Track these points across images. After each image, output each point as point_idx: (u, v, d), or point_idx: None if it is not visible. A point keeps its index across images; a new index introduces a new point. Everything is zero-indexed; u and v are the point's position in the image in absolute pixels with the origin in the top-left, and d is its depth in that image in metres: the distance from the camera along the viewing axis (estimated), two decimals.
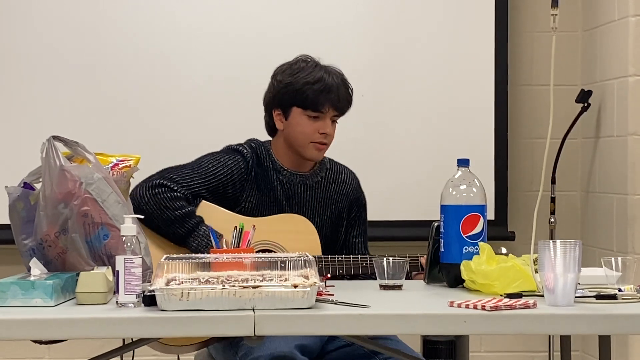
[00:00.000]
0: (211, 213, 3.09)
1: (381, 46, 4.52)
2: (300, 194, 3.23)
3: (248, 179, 3.17)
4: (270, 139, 3.29)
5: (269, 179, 3.20)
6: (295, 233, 3.14)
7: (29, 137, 4.10)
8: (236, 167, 3.17)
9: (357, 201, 3.33)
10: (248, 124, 3.47)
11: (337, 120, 3.22)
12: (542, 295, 2.40)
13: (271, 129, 3.26)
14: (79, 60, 4.43)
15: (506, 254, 2.74)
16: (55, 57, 4.43)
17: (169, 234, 3.07)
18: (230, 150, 3.22)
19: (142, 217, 2.63)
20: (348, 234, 3.31)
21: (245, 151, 3.20)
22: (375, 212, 3.43)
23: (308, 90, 3.13)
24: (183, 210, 3.06)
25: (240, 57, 4.46)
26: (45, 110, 4.42)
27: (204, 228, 3.04)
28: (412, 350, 3.00)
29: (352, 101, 3.21)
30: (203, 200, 3.13)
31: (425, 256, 2.97)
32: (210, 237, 2.99)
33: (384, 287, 2.70)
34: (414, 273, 3.07)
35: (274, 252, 3.07)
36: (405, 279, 2.75)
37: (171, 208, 3.06)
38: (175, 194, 3.07)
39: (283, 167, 3.22)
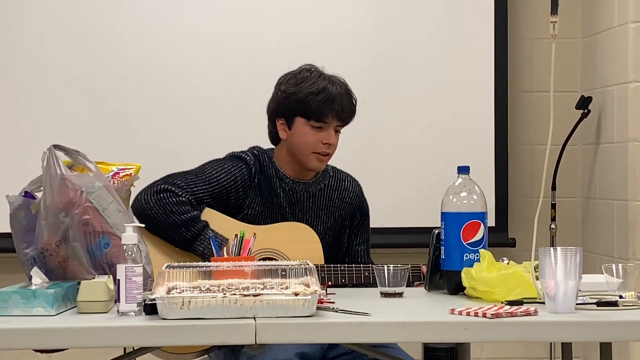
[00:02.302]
0: (214, 220, 3.10)
1: (381, 54, 4.53)
2: (303, 202, 3.23)
3: (251, 186, 3.18)
4: (273, 147, 3.29)
5: (272, 186, 3.20)
6: (298, 241, 3.14)
7: (30, 146, 4.10)
8: (239, 174, 3.17)
9: (360, 209, 3.33)
10: (250, 133, 3.47)
11: (341, 131, 3.22)
12: (543, 302, 2.40)
13: (274, 137, 3.27)
14: (80, 69, 4.44)
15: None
16: (56, 65, 4.43)
17: (175, 239, 3.07)
18: (234, 157, 3.23)
19: (142, 225, 2.63)
20: (351, 241, 3.31)
21: (248, 158, 3.20)
22: (375, 219, 3.43)
23: (311, 101, 3.13)
24: (189, 215, 3.06)
25: (242, 65, 4.47)
26: (46, 119, 4.42)
27: (210, 232, 3.05)
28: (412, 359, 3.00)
29: (355, 111, 3.21)
30: (206, 207, 3.13)
31: (426, 265, 2.98)
32: (216, 239, 3.00)
33: (385, 295, 2.70)
34: (416, 283, 3.06)
35: (276, 260, 3.07)
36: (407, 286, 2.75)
37: (177, 212, 3.06)
38: (180, 198, 3.08)
39: (286, 175, 3.22)
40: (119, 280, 2.32)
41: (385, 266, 2.70)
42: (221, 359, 3.04)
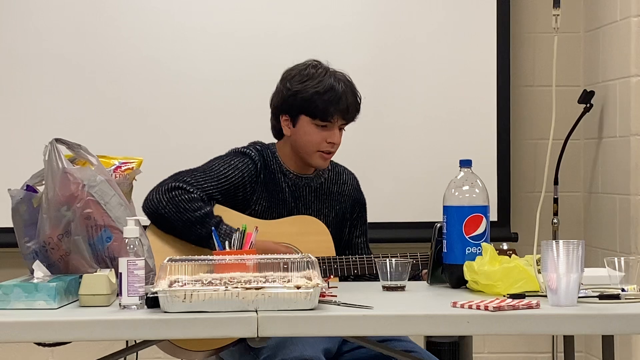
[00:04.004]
0: (225, 216, 3.09)
1: (383, 48, 4.52)
2: (306, 196, 3.23)
3: (257, 181, 3.17)
4: (275, 141, 3.29)
5: (276, 181, 3.20)
6: (309, 234, 3.14)
7: (32, 139, 4.10)
8: (246, 170, 3.17)
9: (358, 201, 3.34)
10: (251, 126, 3.48)
11: (345, 128, 3.22)
12: (545, 296, 2.40)
13: (278, 132, 3.26)
14: (82, 63, 4.44)
15: (508, 250, 2.73)
16: (58, 60, 4.43)
17: (190, 236, 3.07)
18: (238, 153, 3.22)
19: (144, 219, 2.63)
20: (351, 234, 3.32)
21: (252, 154, 3.20)
22: (378, 213, 3.44)
23: (317, 100, 3.12)
24: (202, 211, 3.06)
25: (243, 59, 4.47)
26: (48, 113, 4.42)
27: (225, 227, 3.04)
28: (428, 353, 3.00)
29: (360, 109, 3.20)
30: (217, 204, 3.13)
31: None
32: (232, 235, 3.00)
33: (387, 288, 2.70)
34: (424, 270, 3.05)
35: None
36: (415, 276, 2.75)
37: (190, 209, 3.06)
38: (192, 195, 3.07)
39: (289, 170, 3.22)
40: (120, 273, 2.32)
41: (388, 260, 2.70)
42: (236, 357, 3.01)
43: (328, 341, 2.87)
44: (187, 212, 3.05)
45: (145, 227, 2.93)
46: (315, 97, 3.12)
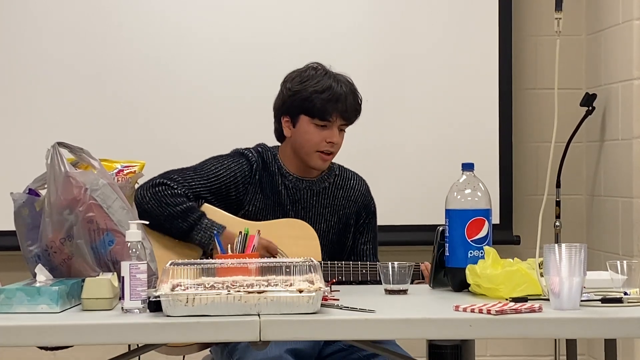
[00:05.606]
0: (212, 216, 3.10)
1: (385, 51, 4.52)
2: (306, 199, 3.23)
3: (252, 182, 3.18)
4: (279, 144, 3.29)
5: (274, 183, 3.20)
6: (296, 238, 3.14)
7: (34, 143, 4.10)
8: (239, 170, 3.18)
9: (366, 208, 3.33)
10: (254, 130, 3.48)
11: (345, 130, 3.22)
12: (548, 299, 2.40)
13: (280, 135, 3.27)
14: (85, 67, 4.44)
15: None
16: (61, 64, 4.43)
17: (172, 230, 3.09)
18: (237, 153, 3.24)
19: (147, 222, 2.63)
20: (356, 240, 3.31)
21: (250, 155, 3.21)
22: (380, 216, 3.43)
23: (316, 99, 3.13)
24: (184, 206, 3.08)
25: (246, 63, 4.47)
26: (50, 117, 4.42)
27: (207, 221, 3.06)
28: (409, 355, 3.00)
29: (360, 110, 3.21)
30: (205, 203, 3.14)
31: (426, 263, 2.97)
32: (213, 229, 3.01)
33: (389, 292, 2.70)
34: (415, 281, 3.06)
35: (274, 256, 3.08)
36: None
37: (172, 204, 3.08)
38: (175, 191, 3.10)
39: (289, 173, 3.23)
40: (123, 277, 2.32)
41: (390, 263, 2.70)
42: (218, 355, 3.05)
43: (298, 342, 2.85)
44: (169, 207, 3.08)
45: None
46: (314, 96, 3.13)
